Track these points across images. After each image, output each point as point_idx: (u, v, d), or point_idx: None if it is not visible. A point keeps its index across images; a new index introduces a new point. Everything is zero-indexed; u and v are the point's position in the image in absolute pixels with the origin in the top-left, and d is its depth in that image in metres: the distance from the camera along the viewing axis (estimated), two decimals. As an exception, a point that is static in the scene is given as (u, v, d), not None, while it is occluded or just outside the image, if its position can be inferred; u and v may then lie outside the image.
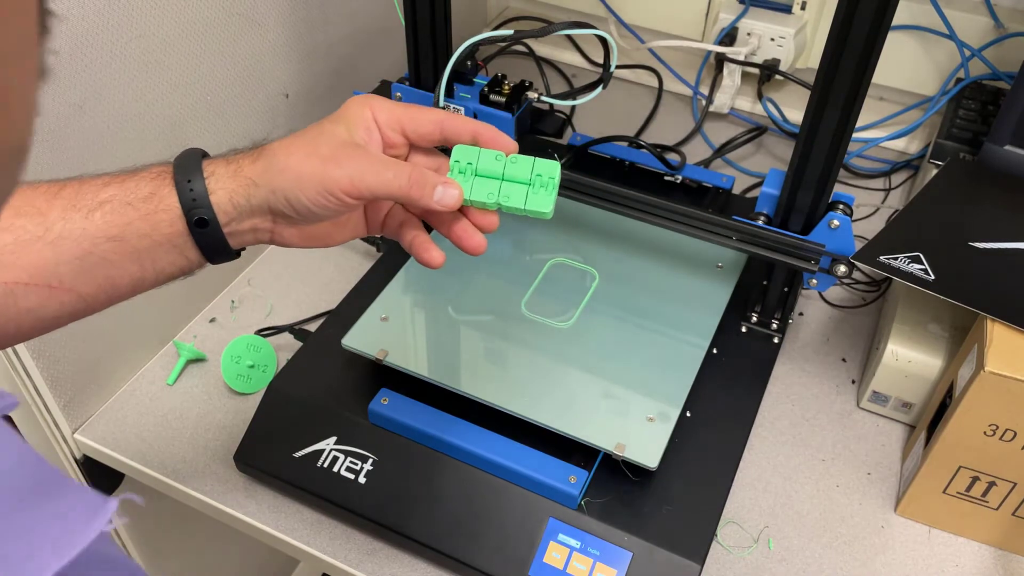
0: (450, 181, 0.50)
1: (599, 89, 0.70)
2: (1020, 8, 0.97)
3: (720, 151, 1.00)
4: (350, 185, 0.47)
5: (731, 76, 1.03)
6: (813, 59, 1.06)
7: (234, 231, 0.49)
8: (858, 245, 0.67)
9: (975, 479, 0.63)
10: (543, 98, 0.75)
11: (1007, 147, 0.79)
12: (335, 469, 0.66)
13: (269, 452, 0.69)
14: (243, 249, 0.51)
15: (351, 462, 0.67)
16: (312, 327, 0.79)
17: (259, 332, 0.78)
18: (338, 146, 0.48)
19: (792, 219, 0.68)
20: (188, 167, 0.48)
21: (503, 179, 0.51)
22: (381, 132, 0.51)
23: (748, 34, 1.01)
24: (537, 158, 0.52)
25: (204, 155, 0.50)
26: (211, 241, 0.49)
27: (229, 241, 0.49)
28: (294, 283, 0.86)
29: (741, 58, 1.01)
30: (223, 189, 0.48)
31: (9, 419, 0.67)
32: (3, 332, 0.46)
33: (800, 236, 0.67)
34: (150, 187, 0.48)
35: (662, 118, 1.07)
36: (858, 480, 0.70)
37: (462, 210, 0.51)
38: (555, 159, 0.51)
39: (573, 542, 0.62)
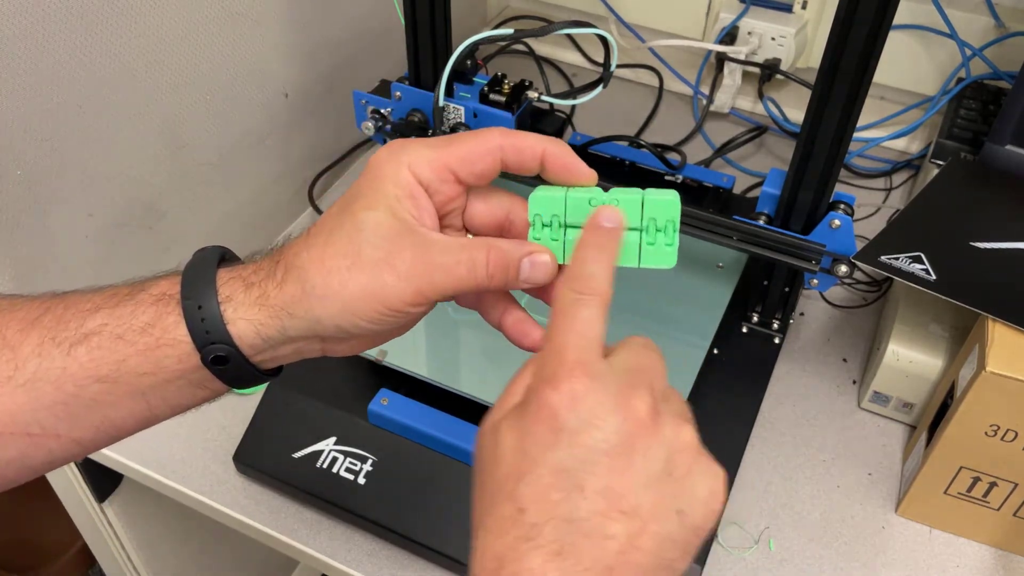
0: (536, 248, 0.40)
1: (599, 88, 0.70)
2: (1021, 7, 0.96)
3: (721, 151, 1.00)
4: (417, 295, 0.38)
5: (732, 75, 1.03)
6: (814, 59, 1.06)
7: (269, 358, 0.41)
8: (859, 245, 0.66)
9: (976, 480, 0.63)
10: (543, 98, 0.74)
11: (1008, 147, 0.79)
12: (334, 469, 0.66)
13: (268, 452, 0.69)
14: (281, 368, 0.43)
15: (351, 462, 0.66)
16: (312, 327, 0.78)
17: (259, 332, 0.78)
18: (386, 242, 0.38)
19: (793, 219, 0.68)
20: (197, 284, 0.39)
21: None
22: (428, 191, 0.40)
23: (749, 33, 1.01)
24: (647, 193, 0.39)
25: (222, 258, 0.41)
26: (238, 374, 0.40)
27: (261, 367, 0.41)
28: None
29: (742, 57, 1.01)
30: (245, 320, 0.39)
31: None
32: None
33: (801, 236, 0.67)
34: (148, 315, 0.39)
35: (662, 118, 1.06)
36: (859, 480, 0.70)
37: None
38: (671, 190, 0.39)
39: (573, 543, 0.62)
